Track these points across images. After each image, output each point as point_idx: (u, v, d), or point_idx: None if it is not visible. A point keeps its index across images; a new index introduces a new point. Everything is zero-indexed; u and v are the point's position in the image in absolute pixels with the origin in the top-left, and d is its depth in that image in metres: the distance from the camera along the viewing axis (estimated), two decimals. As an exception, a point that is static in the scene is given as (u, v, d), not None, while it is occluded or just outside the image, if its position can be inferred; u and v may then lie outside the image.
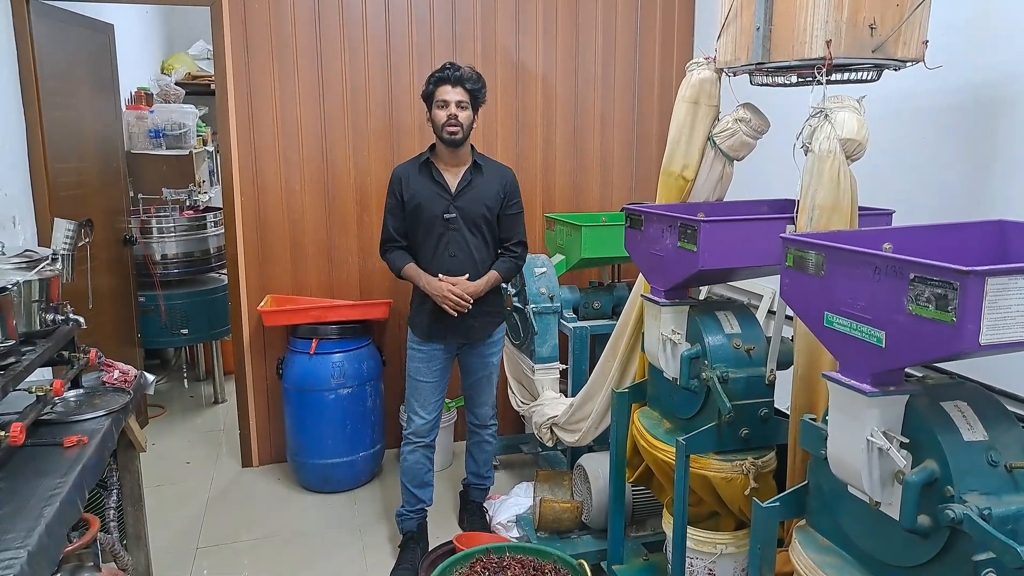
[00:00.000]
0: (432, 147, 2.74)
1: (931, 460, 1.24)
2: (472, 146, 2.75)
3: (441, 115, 2.60)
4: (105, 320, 3.60)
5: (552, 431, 2.97)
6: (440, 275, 2.65)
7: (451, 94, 2.59)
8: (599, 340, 3.04)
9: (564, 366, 3.19)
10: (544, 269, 3.16)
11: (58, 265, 1.97)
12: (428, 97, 2.65)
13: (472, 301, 2.65)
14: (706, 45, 3.63)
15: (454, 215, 2.66)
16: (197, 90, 5.47)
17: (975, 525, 1.15)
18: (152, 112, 4.68)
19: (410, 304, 2.85)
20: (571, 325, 3.11)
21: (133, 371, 2.21)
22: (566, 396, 3.11)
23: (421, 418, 2.80)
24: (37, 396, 1.78)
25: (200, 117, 5.16)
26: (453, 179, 2.69)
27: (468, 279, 2.66)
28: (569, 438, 2.85)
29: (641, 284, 2.37)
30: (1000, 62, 2.04)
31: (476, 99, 2.65)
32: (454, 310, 2.62)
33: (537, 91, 3.66)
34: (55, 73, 3.27)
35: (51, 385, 1.80)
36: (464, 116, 2.61)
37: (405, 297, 2.90)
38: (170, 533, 3.03)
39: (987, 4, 2.07)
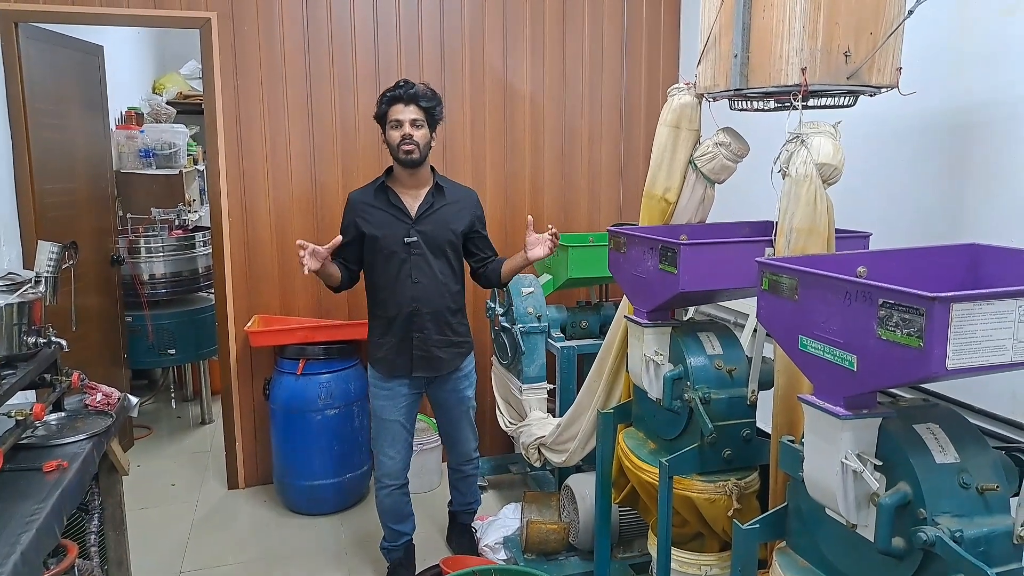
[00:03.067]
0: (389, 170, 2.63)
1: (904, 482, 1.26)
2: (432, 167, 2.65)
3: (395, 135, 2.49)
4: (92, 340, 3.60)
5: (540, 451, 2.97)
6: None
7: (404, 113, 2.47)
8: (586, 359, 3.04)
9: (552, 386, 3.20)
10: (531, 289, 3.17)
11: (41, 288, 1.97)
12: (381, 118, 2.54)
13: (443, 332, 2.58)
14: (690, 67, 3.68)
15: (416, 239, 2.54)
16: (189, 109, 5.49)
17: (947, 547, 1.16)
18: (142, 132, 4.70)
19: (368, 339, 2.72)
20: (559, 344, 3.12)
21: (116, 393, 2.20)
22: (554, 416, 3.11)
23: (391, 459, 2.69)
24: (17, 420, 1.78)
25: (192, 136, 5.18)
26: (413, 202, 2.58)
27: (435, 305, 2.57)
28: (557, 458, 2.85)
29: (625, 305, 2.39)
30: (973, 88, 2.08)
31: (432, 116, 2.53)
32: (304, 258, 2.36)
33: (525, 112, 3.70)
34: (44, 94, 3.29)
35: (31, 409, 1.79)
36: (420, 135, 2.49)
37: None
38: (154, 557, 3.00)
39: (960, 32, 2.12)
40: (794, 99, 1.73)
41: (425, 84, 2.55)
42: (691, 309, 3.13)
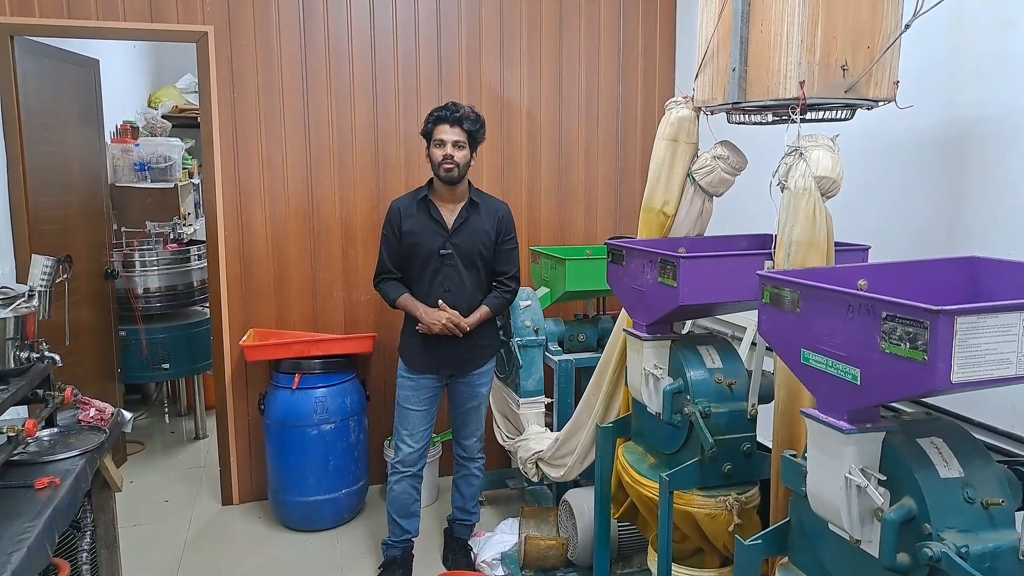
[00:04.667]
0: (430, 183, 2.78)
1: (908, 497, 1.25)
2: (469, 182, 2.79)
3: (438, 154, 2.65)
4: (85, 354, 3.56)
5: (538, 466, 2.95)
6: (440, 301, 2.68)
7: (448, 133, 2.63)
8: (584, 373, 3.04)
9: (549, 400, 3.18)
10: (529, 302, 3.16)
11: (34, 302, 1.95)
12: (427, 135, 2.70)
13: (469, 335, 2.69)
14: (686, 80, 3.70)
15: (450, 251, 2.70)
16: (184, 123, 5.48)
17: (953, 563, 1.15)
18: (138, 145, 4.69)
19: (400, 334, 2.86)
20: (556, 358, 3.11)
21: (110, 409, 2.18)
22: (552, 430, 3.09)
23: (409, 447, 2.80)
24: (8, 436, 1.75)
25: (187, 149, 5.17)
26: (450, 216, 2.73)
27: (463, 313, 2.70)
28: (555, 473, 2.83)
29: (624, 318, 2.38)
30: (969, 101, 2.09)
31: (474, 139, 2.69)
32: (443, 332, 2.67)
33: (522, 126, 3.71)
34: (39, 108, 3.28)
35: (23, 425, 1.77)
36: (461, 156, 2.65)
37: (389, 330, 2.89)
38: (146, 575, 2.95)
39: (956, 46, 2.13)
40: (792, 112, 1.73)
41: (471, 108, 2.70)
42: (688, 322, 3.13)
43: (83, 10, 3.08)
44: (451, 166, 2.63)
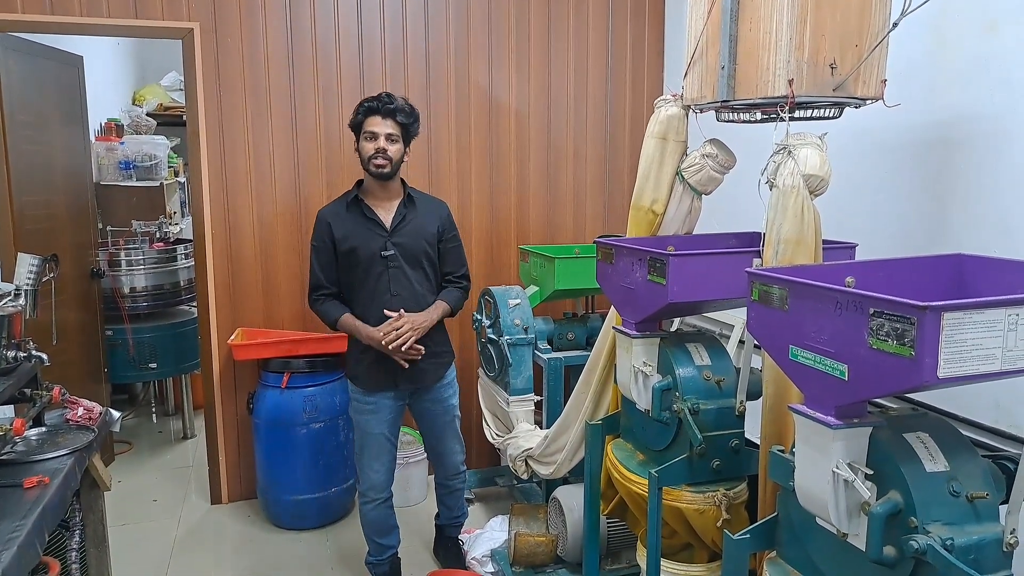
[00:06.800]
0: (359, 183, 2.63)
1: (895, 491, 1.26)
2: (403, 180, 2.65)
3: (369, 147, 2.49)
4: (71, 355, 3.54)
5: (527, 463, 2.96)
6: (385, 309, 2.49)
7: (381, 126, 2.47)
8: (573, 371, 3.04)
9: (539, 397, 3.19)
10: (518, 300, 3.17)
11: (21, 301, 1.93)
12: (356, 127, 2.53)
13: (422, 343, 2.50)
14: (675, 79, 3.71)
15: (392, 252, 2.52)
16: (169, 121, 5.45)
17: (938, 556, 1.17)
18: (123, 143, 4.65)
19: (347, 355, 2.70)
20: (545, 356, 3.11)
21: (98, 408, 2.17)
22: (541, 428, 3.10)
23: (376, 472, 2.65)
24: (-4, 436, 1.74)
25: (172, 148, 5.14)
26: (387, 214, 2.56)
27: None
28: (544, 470, 2.84)
29: (613, 316, 2.39)
30: (955, 102, 2.11)
31: (408, 132, 2.53)
32: (405, 359, 2.48)
33: (511, 126, 3.71)
34: (23, 105, 3.25)
35: (11, 424, 1.75)
36: (394, 150, 2.49)
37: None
38: (136, 574, 2.94)
39: (942, 46, 2.16)
40: (781, 111, 1.75)
41: (404, 99, 2.54)
42: (677, 320, 3.15)
43: (66, 6, 3.04)
44: (383, 162, 2.47)
